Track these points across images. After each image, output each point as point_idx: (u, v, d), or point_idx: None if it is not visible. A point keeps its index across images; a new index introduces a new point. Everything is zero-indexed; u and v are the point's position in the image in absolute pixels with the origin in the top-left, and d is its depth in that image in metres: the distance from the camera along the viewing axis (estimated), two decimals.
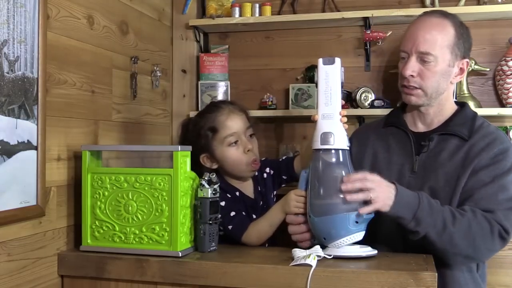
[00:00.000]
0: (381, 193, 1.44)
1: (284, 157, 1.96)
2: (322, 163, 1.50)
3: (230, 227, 1.70)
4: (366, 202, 1.45)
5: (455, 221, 1.47)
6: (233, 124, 1.75)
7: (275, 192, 1.91)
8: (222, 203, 1.69)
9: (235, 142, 1.75)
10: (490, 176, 1.55)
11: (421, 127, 1.73)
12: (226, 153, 1.75)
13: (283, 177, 1.89)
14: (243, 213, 1.76)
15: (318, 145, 1.51)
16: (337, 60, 1.53)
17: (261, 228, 1.70)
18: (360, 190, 1.44)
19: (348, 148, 1.52)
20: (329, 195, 1.48)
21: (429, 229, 1.46)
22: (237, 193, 1.80)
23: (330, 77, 1.52)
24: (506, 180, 1.55)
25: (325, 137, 1.50)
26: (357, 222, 1.45)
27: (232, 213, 1.73)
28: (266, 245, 1.77)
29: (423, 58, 1.61)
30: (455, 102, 1.77)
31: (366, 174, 1.46)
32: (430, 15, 1.68)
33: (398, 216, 1.46)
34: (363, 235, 1.49)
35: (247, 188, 1.84)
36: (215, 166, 1.78)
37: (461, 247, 1.49)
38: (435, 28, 1.62)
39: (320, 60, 1.54)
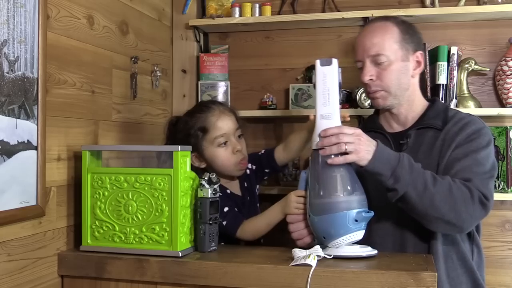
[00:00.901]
0: (359, 146, 1.45)
1: (263, 150, 1.94)
2: (321, 163, 1.50)
3: (224, 222, 1.71)
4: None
5: (436, 183, 1.48)
6: (223, 125, 1.77)
7: (258, 186, 1.94)
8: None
9: (225, 143, 1.76)
10: (465, 153, 1.59)
11: (397, 127, 1.77)
12: (215, 153, 1.76)
13: (265, 170, 1.92)
14: (235, 209, 1.78)
15: (316, 145, 1.51)
16: (334, 61, 1.53)
17: (258, 226, 1.72)
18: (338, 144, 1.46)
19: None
20: (328, 194, 1.48)
21: (409, 188, 1.46)
22: (228, 191, 1.81)
23: (328, 78, 1.52)
24: (480, 155, 1.59)
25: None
26: (356, 220, 1.45)
27: (226, 209, 1.74)
28: (262, 240, 1.80)
29: (376, 61, 1.66)
30: (427, 99, 1.81)
31: (344, 128, 1.47)
32: (372, 22, 1.77)
33: (377, 172, 1.47)
34: (362, 234, 1.48)
35: (234, 186, 1.86)
36: (203, 165, 1.80)
37: (443, 210, 1.48)
38: (379, 31, 1.69)
39: (318, 62, 1.53)
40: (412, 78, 1.71)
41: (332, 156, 1.46)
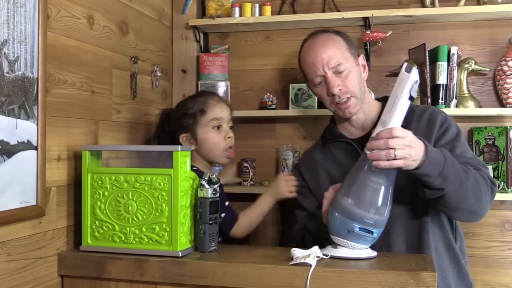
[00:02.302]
0: (408, 153, 1.38)
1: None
2: (363, 165, 1.46)
3: (223, 215, 1.74)
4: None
5: (468, 176, 1.49)
6: (220, 111, 1.87)
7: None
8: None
9: (218, 127, 1.85)
10: (449, 142, 1.63)
11: (357, 133, 1.79)
12: (207, 134, 1.84)
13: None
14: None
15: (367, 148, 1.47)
16: (413, 70, 1.41)
17: (252, 217, 1.82)
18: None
19: None
20: (348, 195, 1.46)
21: (451, 187, 1.45)
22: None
23: (401, 85, 1.43)
24: (461, 141, 1.65)
25: (371, 141, 1.45)
26: (352, 234, 1.44)
27: (226, 203, 1.79)
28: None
29: (338, 70, 1.69)
30: (376, 98, 1.84)
31: (396, 130, 1.38)
32: (314, 37, 1.79)
33: (426, 174, 1.42)
34: (365, 247, 1.48)
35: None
36: (193, 147, 1.85)
37: (471, 201, 1.50)
38: (328, 42, 1.73)
39: (404, 65, 1.45)
40: (364, 81, 1.77)
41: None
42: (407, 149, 1.38)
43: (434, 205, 1.54)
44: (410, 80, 1.41)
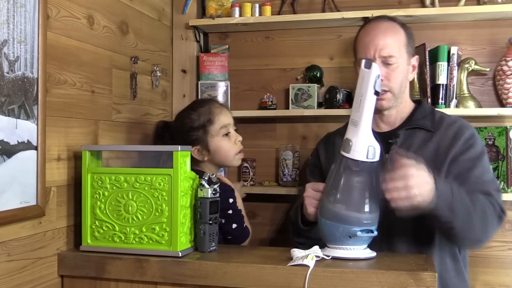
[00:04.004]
0: (424, 188, 1.39)
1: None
2: (342, 167, 1.47)
3: (245, 225, 1.79)
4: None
5: (475, 207, 1.48)
6: (226, 117, 1.87)
7: None
8: (231, 200, 1.78)
9: (227, 134, 1.85)
10: (470, 160, 1.62)
11: (384, 127, 1.78)
12: (220, 143, 1.83)
13: None
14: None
15: (341, 150, 1.48)
16: (373, 66, 1.43)
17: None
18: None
19: (367, 161, 1.43)
20: (335, 201, 1.46)
21: (458, 219, 1.45)
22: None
23: (364, 82, 1.44)
24: (484, 161, 1.64)
25: (345, 143, 1.46)
26: (350, 237, 1.44)
27: (243, 212, 1.83)
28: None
29: (387, 62, 1.66)
30: (412, 100, 1.83)
31: (410, 169, 1.38)
32: (379, 21, 1.75)
33: (436, 208, 1.42)
34: (362, 248, 1.48)
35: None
36: (206, 158, 1.85)
37: (477, 232, 1.51)
38: (390, 32, 1.69)
39: (363, 62, 1.46)
40: (408, 81, 1.75)
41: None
42: (425, 186, 1.39)
43: (440, 234, 1.55)
44: (372, 75, 1.42)
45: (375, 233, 1.46)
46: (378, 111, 1.73)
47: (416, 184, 1.37)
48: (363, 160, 1.43)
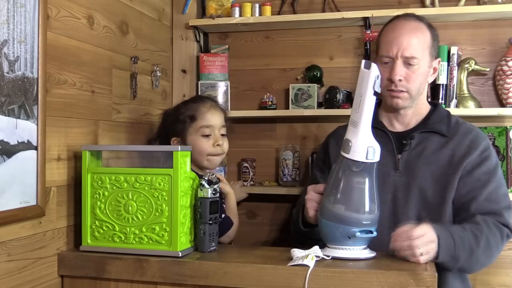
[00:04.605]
0: (430, 247, 1.43)
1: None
2: (342, 168, 1.47)
3: (223, 215, 1.76)
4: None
5: (479, 243, 1.52)
6: (212, 118, 1.85)
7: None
8: None
9: (208, 135, 1.83)
10: (486, 173, 1.62)
11: (399, 127, 1.77)
12: (197, 141, 1.82)
13: None
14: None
15: (341, 150, 1.49)
16: (372, 66, 1.43)
17: (237, 219, 1.87)
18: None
19: (367, 161, 1.44)
20: (335, 202, 1.46)
21: (462, 262, 1.50)
22: None
23: (364, 82, 1.44)
24: (498, 175, 1.65)
25: (345, 144, 1.47)
26: (349, 237, 1.45)
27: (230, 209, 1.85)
28: (231, 243, 1.88)
29: (408, 62, 1.65)
30: (428, 102, 1.82)
31: (414, 231, 1.41)
32: (407, 19, 1.72)
33: (440, 261, 1.46)
34: (361, 248, 1.48)
35: None
36: None
37: (483, 263, 1.57)
38: (416, 32, 1.67)
39: (362, 62, 1.47)
40: (427, 83, 1.74)
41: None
42: (430, 245, 1.42)
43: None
44: (371, 76, 1.42)
45: (375, 233, 1.46)
46: (394, 110, 1.72)
47: (421, 244, 1.41)
48: (362, 160, 1.43)
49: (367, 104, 1.43)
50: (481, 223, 1.55)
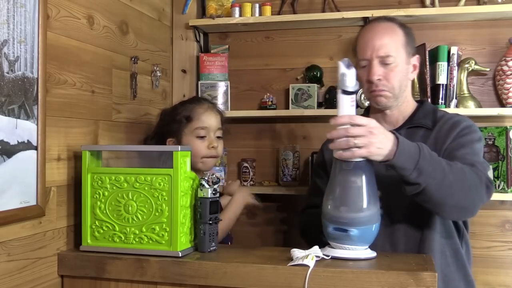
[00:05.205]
0: (369, 140, 1.36)
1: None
2: (336, 169, 1.47)
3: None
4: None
5: (452, 170, 1.46)
6: (207, 119, 1.84)
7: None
8: None
9: (203, 137, 1.82)
10: (461, 144, 1.62)
11: (387, 127, 1.75)
12: (191, 142, 1.81)
13: None
14: None
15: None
16: (339, 65, 1.43)
17: (229, 222, 1.82)
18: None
19: (351, 161, 1.43)
20: (325, 199, 1.48)
21: (430, 180, 1.42)
22: None
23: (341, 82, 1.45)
24: (476, 147, 1.62)
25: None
26: (333, 235, 1.45)
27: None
28: (229, 243, 1.88)
29: (384, 61, 1.67)
30: (415, 100, 1.82)
31: (355, 118, 1.37)
32: (378, 22, 1.75)
33: (400, 166, 1.41)
34: (362, 250, 1.48)
35: None
36: None
37: (459, 197, 1.47)
38: (387, 32, 1.70)
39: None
40: (409, 81, 1.75)
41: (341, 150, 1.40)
42: (369, 137, 1.36)
43: (420, 203, 1.50)
44: (339, 75, 1.42)
45: (351, 234, 1.43)
46: (380, 111, 1.75)
47: (357, 133, 1.36)
48: (336, 158, 1.45)
49: (341, 104, 1.43)
50: (457, 163, 1.51)
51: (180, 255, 1.50)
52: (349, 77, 1.41)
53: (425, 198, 1.47)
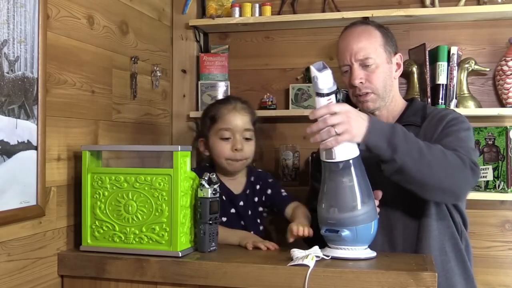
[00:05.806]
0: (349, 124, 1.39)
1: (283, 194, 1.87)
2: (325, 171, 1.48)
3: None
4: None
5: (430, 149, 1.47)
6: (232, 120, 1.81)
7: (261, 209, 1.90)
8: None
9: (227, 138, 1.80)
10: (446, 134, 1.61)
11: None
12: (216, 143, 1.81)
13: (274, 209, 1.90)
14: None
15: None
16: (310, 69, 1.43)
17: (227, 238, 1.69)
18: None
19: (326, 161, 1.45)
20: (323, 204, 1.49)
21: (406, 158, 1.43)
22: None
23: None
24: (462, 135, 1.61)
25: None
26: (325, 235, 1.46)
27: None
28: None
29: (364, 64, 1.68)
30: (405, 99, 1.83)
31: (330, 107, 1.40)
32: (354, 26, 1.77)
33: (373, 145, 1.42)
34: (362, 250, 1.48)
35: (236, 185, 1.87)
36: (207, 153, 1.87)
37: (440, 177, 1.46)
38: (364, 34, 1.71)
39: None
40: (394, 80, 1.75)
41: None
42: (347, 122, 1.39)
43: (402, 185, 1.49)
44: (312, 78, 1.43)
45: (342, 234, 1.43)
46: (370, 113, 1.73)
47: (336, 120, 1.38)
48: (323, 160, 1.46)
49: (317, 106, 1.43)
50: (437, 145, 1.51)
51: (180, 255, 1.50)
52: (321, 79, 1.41)
53: (406, 178, 1.47)
